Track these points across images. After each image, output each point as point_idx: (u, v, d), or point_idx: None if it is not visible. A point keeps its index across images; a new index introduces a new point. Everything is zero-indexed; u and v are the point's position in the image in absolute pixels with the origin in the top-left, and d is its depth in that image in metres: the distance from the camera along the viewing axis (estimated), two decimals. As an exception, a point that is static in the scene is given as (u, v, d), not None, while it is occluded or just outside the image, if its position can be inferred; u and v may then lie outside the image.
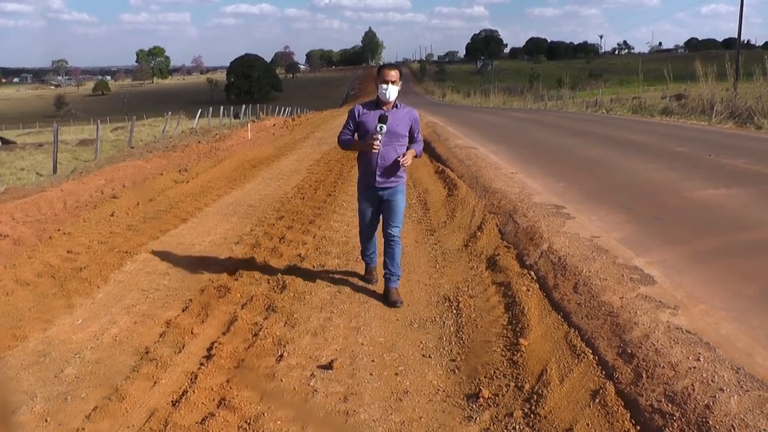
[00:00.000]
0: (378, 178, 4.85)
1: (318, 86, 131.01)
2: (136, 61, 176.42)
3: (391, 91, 4.68)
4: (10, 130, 58.14)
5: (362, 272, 5.70)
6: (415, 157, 4.94)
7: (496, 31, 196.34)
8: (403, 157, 4.75)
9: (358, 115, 4.84)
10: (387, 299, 5.08)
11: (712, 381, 3.35)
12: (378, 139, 4.63)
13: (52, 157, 14.93)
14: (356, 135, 4.93)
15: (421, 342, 4.39)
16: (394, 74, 4.69)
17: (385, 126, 4.61)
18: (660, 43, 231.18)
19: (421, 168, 12.01)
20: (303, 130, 24.56)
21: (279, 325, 4.67)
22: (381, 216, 5.10)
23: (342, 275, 5.76)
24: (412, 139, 4.94)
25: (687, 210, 7.36)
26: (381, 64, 4.88)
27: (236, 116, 40.71)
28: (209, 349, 4.29)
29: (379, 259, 5.45)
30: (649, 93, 41.96)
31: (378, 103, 4.81)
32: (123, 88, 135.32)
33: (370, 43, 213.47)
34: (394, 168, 4.83)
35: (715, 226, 6.55)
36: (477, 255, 6.31)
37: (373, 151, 4.70)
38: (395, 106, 4.82)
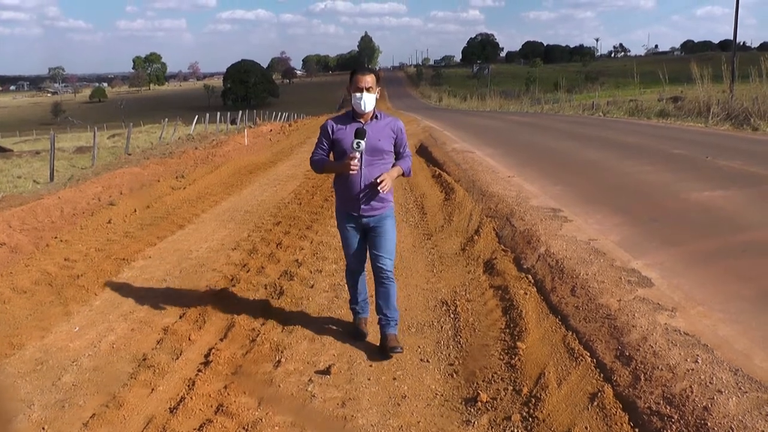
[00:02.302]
0: (362, 206, 4.10)
1: (314, 91, 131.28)
2: (132, 68, 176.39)
3: (367, 101, 3.98)
4: (7, 138, 58.12)
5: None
6: (402, 175, 4.24)
7: (492, 35, 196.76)
8: (379, 179, 3.98)
9: (332, 131, 4.12)
10: (385, 346, 4.25)
11: (710, 383, 3.35)
12: (356, 157, 3.89)
13: (49, 165, 14.90)
14: (332, 155, 4.21)
15: (418, 346, 4.38)
16: (369, 80, 3.99)
17: (363, 142, 3.87)
18: (656, 46, 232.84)
19: (418, 173, 12.01)
20: (299, 135, 24.56)
21: (276, 330, 4.66)
22: (368, 249, 4.33)
23: (339, 280, 5.75)
24: (398, 156, 4.23)
25: (684, 212, 7.36)
26: (352, 69, 4.25)
27: (233, 122, 40.67)
28: (207, 355, 4.28)
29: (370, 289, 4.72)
30: (645, 95, 42.08)
31: (354, 116, 4.10)
32: (120, 95, 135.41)
33: (367, 47, 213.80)
34: (378, 191, 4.07)
35: (713, 228, 6.56)
36: (474, 259, 6.31)
37: (351, 173, 3.96)
38: (375, 116, 4.11)
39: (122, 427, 3.43)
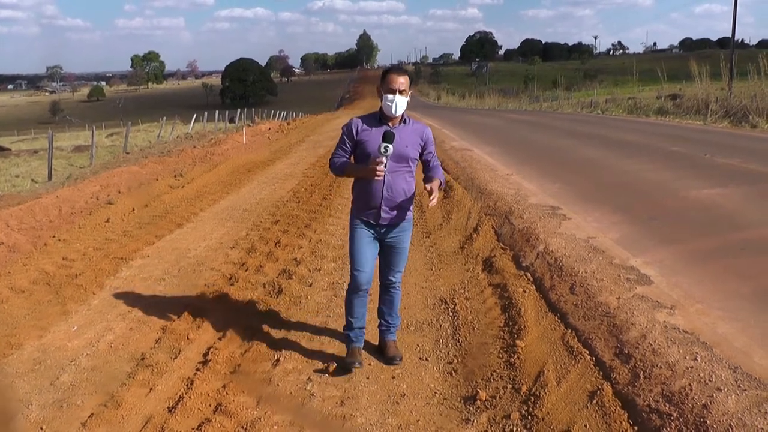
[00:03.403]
0: (383, 215, 3.85)
1: (313, 89, 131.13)
2: (131, 67, 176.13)
3: (399, 104, 3.69)
4: (5, 137, 57.99)
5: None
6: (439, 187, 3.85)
7: (491, 33, 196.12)
8: (429, 190, 3.71)
9: (357, 131, 3.82)
10: (384, 355, 4.15)
11: (709, 380, 3.35)
12: (383, 162, 3.62)
13: (47, 164, 14.86)
14: (353, 158, 3.94)
15: (417, 345, 4.38)
16: (403, 81, 3.70)
17: (390, 146, 3.60)
18: (654, 44, 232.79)
19: (416, 170, 11.98)
20: (298, 134, 24.55)
21: (275, 329, 4.65)
22: (380, 260, 4.07)
23: (338, 278, 5.75)
24: (426, 165, 4.00)
25: (683, 210, 7.36)
26: (386, 67, 3.74)
27: (231, 120, 40.63)
28: (205, 354, 4.27)
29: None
30: (644, 93, 42.02)
31: (381, 118, 3.81)
32: (118, 94, 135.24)
33: (365, 45, 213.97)
34: (403, 201, 3.88)
35: (711, 226, 6.56)
36: (473, 257, 6.30)
37: (377, 178, 3.69)
38: (403, 121, 3.84)
39: (121, 426, 3.42)
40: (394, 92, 3.67)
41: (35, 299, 5.50)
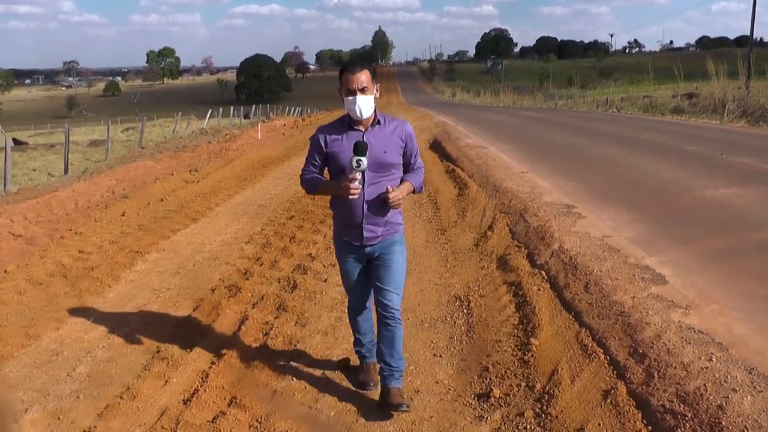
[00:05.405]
0: (366, 234, 3.31)
1: (328, 86, 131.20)
2: (146, 62, 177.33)
3: (363, 105, 3.15)
4: (22, 131, 58.44)
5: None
6: (413, 192, 3.43)
7: (506, 30, 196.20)
8: (389, 191, 3.21)
9: (326, 143, 3.32)
10: (387, 402, 3.38)
11: (724, 381, 3.32)
12: (357, 178, 3.11)
13: (64, 158, 14.97)
14: (326, 171, 3.45)
15: (431, 341, 4.38)
16: (363, 78, 3.15)
17: (364, 159, 3.05)
18: (671, 42, 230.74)
19: (432, 168, 11.99)
20: (313, 130, 24.42)
21: (290, 324, 4.68)
22: (372, 280, 3.48)
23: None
24: (407, 169, 3.42)
25: (698, 209, 7.31)
26: (341, 64, 3.35)
27: (246, 116, 40.76)
28: (220, 347, 4.29)
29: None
30: (660, 92, 41.69)
31: (351, 122, 3.29)
32: (134, 89, 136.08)
33: (380, 42, 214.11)
34: (389, 215, 3.34)
35: (727, 226, 6.50)
36: (488, 254, 6.30)
37: (351, 197, 3.15)
38: (378, 121, 3.29)
39: (136, 418, 3.45)
40: (354, 92, 3.14)
41: (52, 291, 5.56)
